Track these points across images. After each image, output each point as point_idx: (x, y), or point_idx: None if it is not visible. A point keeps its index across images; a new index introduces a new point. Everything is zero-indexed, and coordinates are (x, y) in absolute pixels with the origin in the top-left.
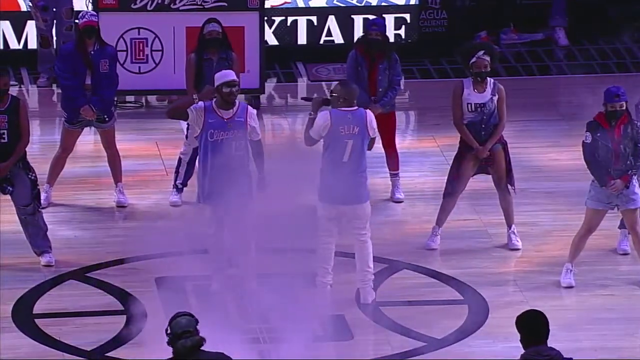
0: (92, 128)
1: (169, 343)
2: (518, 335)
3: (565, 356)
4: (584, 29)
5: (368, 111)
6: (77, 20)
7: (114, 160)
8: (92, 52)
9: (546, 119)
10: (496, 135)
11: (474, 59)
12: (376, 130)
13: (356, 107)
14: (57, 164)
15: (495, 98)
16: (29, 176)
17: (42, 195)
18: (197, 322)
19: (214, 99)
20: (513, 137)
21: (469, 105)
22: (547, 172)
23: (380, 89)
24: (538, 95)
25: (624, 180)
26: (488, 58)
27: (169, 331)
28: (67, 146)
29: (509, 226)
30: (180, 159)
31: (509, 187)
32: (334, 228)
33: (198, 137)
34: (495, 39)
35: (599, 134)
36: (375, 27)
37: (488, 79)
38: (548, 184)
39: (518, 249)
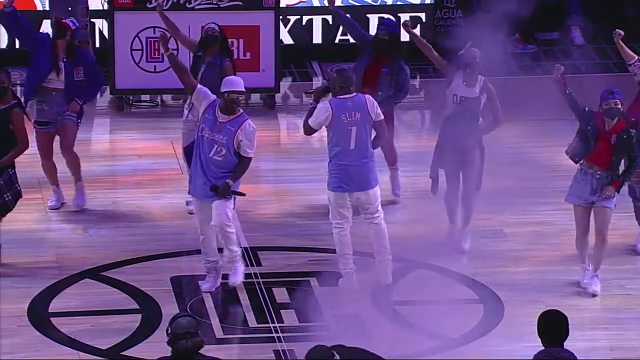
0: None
1: (169, 343)
2: (533, 335)
3: (580, 358)
4: (600, 27)
5: (367, 96)
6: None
7: (75, 162)
8: (64, 61)
9: (561, 118)
10: (488, 129)
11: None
12: (380, 113)
13: (355, 94)
14: (47, 170)
15: (484, 97)
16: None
17: (53, 197)
18: (197, 323)
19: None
20: (528, 136)
21: (455, 97)
22: (562, 171)
23: (380, 93)
24: (553, 94)
25: (615, 185)
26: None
27: (169, 331)
28: (42, 152)
29: (464, 226)
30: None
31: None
32: (347, 214)
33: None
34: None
35: (589, 126)
36: (382, 27)
37: (479, 76)
38: (563, 183)
39: (464, 252)
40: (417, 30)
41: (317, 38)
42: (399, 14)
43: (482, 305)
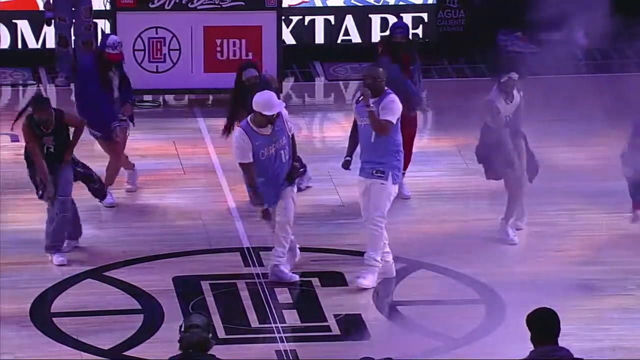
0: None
1: (179, 340)
2: None
3: (582, 356)
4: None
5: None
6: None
7: (118, 166)
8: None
9: (564, 118)
10: None
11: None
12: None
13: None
14: (108, 166)
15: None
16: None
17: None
18: (209, 322)
19: (250, 117)
20: (530, 137)
21: (506, 118)
22: (565, 171)
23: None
24: (557, 94)
25: None
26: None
27: (182, 328)
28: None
29: (506, 220)
30: None
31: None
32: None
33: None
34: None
35: None
36: (399, 30)
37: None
38: (567, 184)
39: (515, 244)
40: (419, 31)
41: (319, 38)
42: (401, 14)
43: (484, 305)
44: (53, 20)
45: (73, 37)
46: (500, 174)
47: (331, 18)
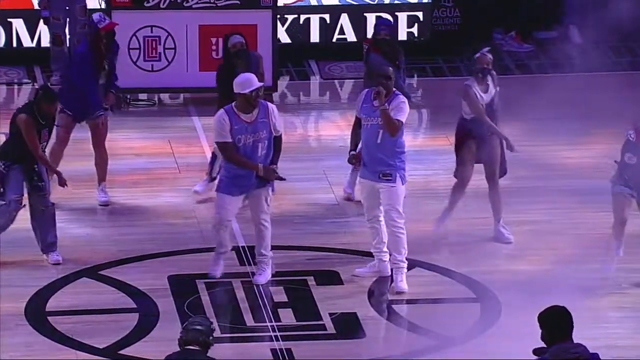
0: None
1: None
2: (530, 334)
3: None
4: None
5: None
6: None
7: (102, 160)
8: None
9: (559, 117)
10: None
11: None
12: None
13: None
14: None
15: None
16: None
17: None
18: (210, 324)
19: (234, 103)
20: (526, 135)
21: (483, 106)
22: (560, 170)
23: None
24: (551, 93)
25: None
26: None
27: (183, 328)
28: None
29: (497, 221)
30: (214, 153)
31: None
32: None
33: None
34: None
35: None
36: (384, 28)
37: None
38: (561, 182)
39: (510, 242)
40: (414, 29)
41: (314, 37)
42: (396, 13)
43: (479, 304)
44: (47, 19)
45: (68, 36)
46: (480, 160)
47: (326, 17)
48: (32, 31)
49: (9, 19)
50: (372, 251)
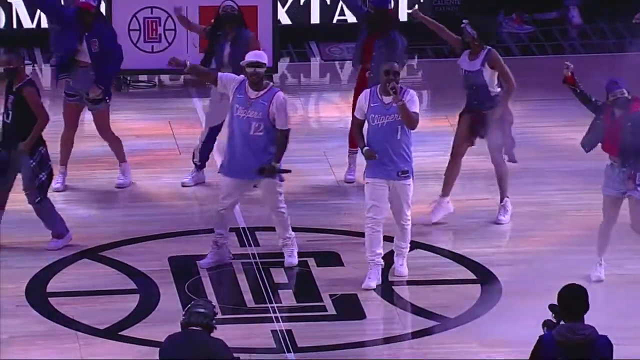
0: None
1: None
2: (530, 315)
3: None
4: (597, 7)
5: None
6: None
7: (114, 144)
8: (86, 35)
9: (559, 98)
10: (505, 99)
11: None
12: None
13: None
14: (64, 143)
15: (486, 69)
16: (31, 162)
17: (59, 178)
18: (213, 312)
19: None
20: (526, 116)
21: (460, 70)
22: (561, 151)
23: (373, 64)
24: (551, 74)
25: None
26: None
27: (186, 310)
28: (67, 122)
29: (501, 199)
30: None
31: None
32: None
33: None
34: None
35: (599, 119)
36: (371, 1)
37: (485, 47)
38: (562, 163)
39: (501, 223)
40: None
41: (315, 18)
42: None
43: (479, 285)
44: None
45: None
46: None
47: None
48: (32, 12)
49: (9, 0)
50: (372, 260)
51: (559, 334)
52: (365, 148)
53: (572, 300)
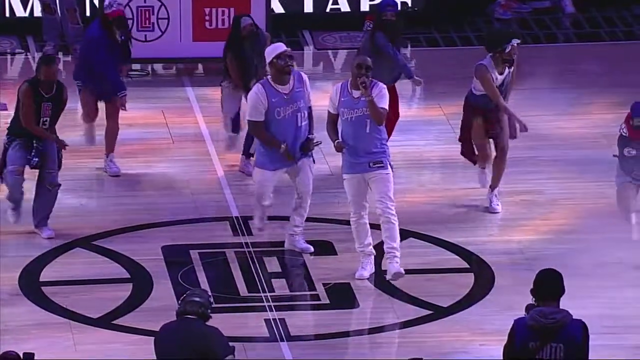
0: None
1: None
2: (523, 304)
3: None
4: None
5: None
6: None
7: (112, 133)
8: (122, 38)
9: (553, 87)
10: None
11: (509, 47)
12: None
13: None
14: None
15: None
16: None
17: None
18: (209, 301)
19: (268, 75)
20: (519, 105)
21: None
22: (553, 140)
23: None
24: (544, 63)
25: None
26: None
27: (181, 299)
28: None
29: (492, 189)
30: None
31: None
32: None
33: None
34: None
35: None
36: (390, 9)
37: None
38: (554, 152)
39: (497, 212)
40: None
41: (308, 7)
42: None
43: (472, 274)
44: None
45: (58, 5)
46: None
47: None
48: (24, 0)
49: None
50: (362, 251)
51: (531, 317)
52: (337, 141)
53: (545, 283)
